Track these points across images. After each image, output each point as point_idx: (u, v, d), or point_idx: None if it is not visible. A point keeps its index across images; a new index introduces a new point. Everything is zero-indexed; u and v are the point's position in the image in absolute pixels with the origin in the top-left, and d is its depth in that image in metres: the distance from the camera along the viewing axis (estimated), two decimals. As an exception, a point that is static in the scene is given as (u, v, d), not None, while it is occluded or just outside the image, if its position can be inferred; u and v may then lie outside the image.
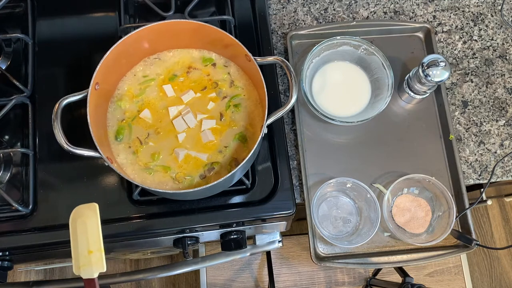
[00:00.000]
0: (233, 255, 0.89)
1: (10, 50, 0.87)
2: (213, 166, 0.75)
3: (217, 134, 0.77)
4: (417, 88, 0.87)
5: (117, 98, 0.78)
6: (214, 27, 0.73)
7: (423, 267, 1.25)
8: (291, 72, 0.71)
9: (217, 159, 0.75)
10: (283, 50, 0.94)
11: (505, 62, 0.95)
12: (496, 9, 0.98)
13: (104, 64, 0.70)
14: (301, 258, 1.25)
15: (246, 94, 0.79)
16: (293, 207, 0.79)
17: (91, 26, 0.88)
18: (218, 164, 0.75)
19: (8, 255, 0.78)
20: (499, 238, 1.78)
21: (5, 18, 0.89)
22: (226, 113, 0.78)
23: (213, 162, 0.75)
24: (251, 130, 0.77)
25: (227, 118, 0.77)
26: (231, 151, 0.76)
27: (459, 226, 0.87)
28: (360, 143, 0.89)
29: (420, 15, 0.97)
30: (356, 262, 0.83)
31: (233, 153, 0.76)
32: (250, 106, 0.78)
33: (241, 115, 0.78)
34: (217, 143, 0.76)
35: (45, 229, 0.77)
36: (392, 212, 0.86)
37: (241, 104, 0.78)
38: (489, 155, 0.89)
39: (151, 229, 0.78)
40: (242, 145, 0.76)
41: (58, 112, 0.66)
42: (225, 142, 0.76)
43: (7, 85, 0.84)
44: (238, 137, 0.76)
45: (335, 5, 0.97)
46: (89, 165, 0.79)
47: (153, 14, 0.88)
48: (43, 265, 1.52)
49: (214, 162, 0.75)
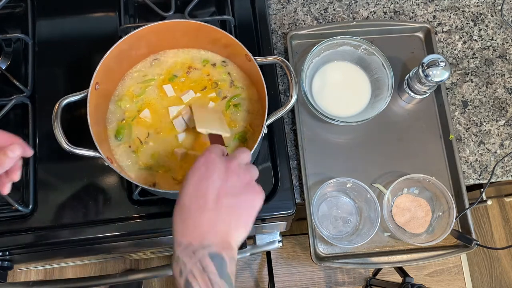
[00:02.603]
0: (233, 255, 0.89)
1: (10, 50, 0.87)
2: None
3: (217, 134, 0.77)
4: (417, 88, 0.87)
5: (117, 98, 0.78)
6: (214, 27, 0.73)
7: (423, 267, 1.25)
8: (291, 72, 0.71)
9: None
10: (283, 50, 0.94)
11: (505, 62, 0.95)
12: (496, 9, 0.98)
13: (104, 64, 0.70)
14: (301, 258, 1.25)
15: (246, 94, 0.79)
16: (293, 207, 0.79)
17: (91, 26, 0.88)
18: None
19: (8, 255, 0.78)
20: (499, 238, 1.78)
21: (5, 18, 0.89)
22: (226, 113, 0.78)
23: None
24: (251, 130, 0.77)
25: (227, 118, 0.77)
26: (231, 151, 0.76)
27: (459, 226, 0.87)
28: (360, 143, 0.89)
29: (420, 15, 0.97)
30: (356, 262, 0.83)
31: (233, 153, 0.76)
32: (250, 106, 0.78)
33: (241, 115, 0.77)
34: (217, 143, 0.76)
35: (45, 229, 0.77)
36: (392, 212, 0.86)
37: (241, 104, 0.78)
38: (489, 155, 0.89)
39: (151, 229, 0.78)
40: (242, 145, 0.76)
41: (58, 112, 0.66)
42: (225, 142, 0.76)
43: (7, 85, 0.84)
44: (238, 137, 0.76)
45: (335, 5, 0.98)
46: (89, 165, 0.79)
47: (153, 14, 0.88)
48: (43, 265, 1.53)
49: None
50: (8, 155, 0.59)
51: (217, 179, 0.54)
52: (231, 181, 0.55)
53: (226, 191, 0.54)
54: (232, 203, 0.54)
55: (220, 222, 0.52)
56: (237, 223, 0.54)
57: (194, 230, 0.52)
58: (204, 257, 0.50)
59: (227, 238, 0.52)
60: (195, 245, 0.51)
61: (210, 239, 0.51)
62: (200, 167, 0.56)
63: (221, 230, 0.52)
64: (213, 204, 0.53)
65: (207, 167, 0.55)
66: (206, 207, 0.53)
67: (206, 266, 0.50)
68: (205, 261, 0.50)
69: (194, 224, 0.52)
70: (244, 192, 0.55)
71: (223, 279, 0.50)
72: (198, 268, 0.50)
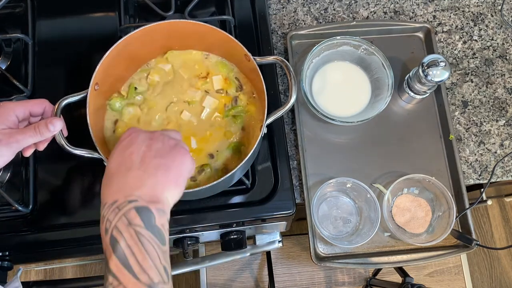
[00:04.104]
0: (233, 255, 0.89)
1: (10, 50, 0.87)
2: (202, 168, 0.74)
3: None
4: (417, 88, 0.87)
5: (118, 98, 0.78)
6: (214, 27, 0.73)
7: (423, 267, 1.25)
8: (291, 72, 0.71)
9: (212, 161, 0.75)
10: (283, 50, 0.94)
11: (505, 62, 0.95)
12: (496, 9, 0.98)
13: (104, 64, 0.70)
14: (301, 258, 1.25)
15: (248, 110, 0.78)
16: (293, 207, 0.79)
17: (91, 26, 0.88)
18: (207, 166, 0.74)
19: (8, 255, 0.78)
20: (499, 238, 1.78)
21: (5, 18, 0.89)
22: (224, 120, 0.77)
23: (204, 164, 0.74)
24: (245, 144, 0.76)
25: (223, 126, 0.77)
26: (223, 161, 0.75)
27: (459, 226, 0.87)
28: (360, 143, 0.89)
29: (420, 15, 0.97)
30: (356, 262, 0.83)
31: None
32: (249, 122, 0.77)
33: (237, 127, 0.76)
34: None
35: (45, 229, 0.77)
36: (392, 212, 0.86)
37: (241, 117, 0.77)
38: (489, 155, 0.89)
39: (151, 229, 0.78)
40: (236, 156, 0.75)
41: (58, 112, 0.66)
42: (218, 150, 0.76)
43: (7, 85, 0.84)
44: (232, 147, 0.75)
45: (335, 5, 0.97)
46: (89, 165, 0.79)
47: (153, 14, 0.88)
48: (43, 265, 1.53)
49: (204, 165, 0.74)
50: (49, 128, 0.62)
51: (141, 144, 0.55)
52: (156, 146, 0.56)
53: (151, 154, 0.55)
54: (159, 162, 0.54)
55: (146, 178, 0.52)
56: (166, 180, 0.53)
57: (119, 189, 0.52)
58: (129, 210, 0.49)
59: (155, 193, 0.52)
60: (120, 201, 0.50)
61: (136, 194, 0.51)
62: (124, 138, 0.58)
63: (148, 185, 0.52)
64: (139, 164, 0.53)
65: (131, 138, 0.57)
66: (132, 168, 0.53)
67: (131, 219, 0.49)
68: (131, 214, 0.49)
69: (119, 184, 0.52)
70: (171, 153, 0.56)
71: (149, 231, 0.49)
72: (124, 222, 0.48)
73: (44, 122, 0.63)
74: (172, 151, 0.56)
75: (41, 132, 0.62)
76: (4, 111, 0.62)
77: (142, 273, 0.46)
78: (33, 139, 0.62)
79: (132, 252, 0.47)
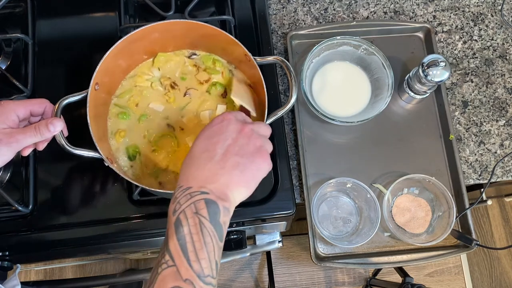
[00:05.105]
0: (233, 255, 0.89)
1: (10, 50, 0.87)
2: None
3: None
4: (417, 88, 0.87)
5: (117, 98, 0.78)
6: (214, 27, 0.73)
7: (423, 267, 1.25)
8: (291, 72, 0.71)
9: None
10: (283, 50, 0.94)
11: (505, 62, 0.95)
12: (496, 9, 0.98)
13: (104, 64, 0.70)
14: (301, 258, 1.25)
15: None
16: (293, 207, 0.79)
17: (91, 26, 0.88)
18: None
19: (8, 255, 0.78)
20: (499, 238, 1.78)
21: (5, 18, 0.89)
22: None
23: None
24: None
25: None
26: None
27: (459, 226, 0.87)
28: (360, 143, 0.89)
29: (420, 15, 0.97)
30: (356, 262, 0.83)
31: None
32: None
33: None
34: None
35: (45, 229, 0.77)
36: (392, 212, 0.86)
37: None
38: (489, 155, 0.89)
39: (151, 229, 0.78)
40: None
41: (58, 112, 0.66)
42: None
43: (7, 85, 0.84)
44: None
45: (335, 5, 0.97)
46: (89, 165, 0.79)
47: (153, 14, 0.88)
48: (43, 265, 1.53)
49: None
50: (49, 129, 0.63)
51: (228, 137, 0.56)
52: (241, 142, 0.56)
53: (235, 150, 0.55)
54: (238, 161, 0.54)
55: (222, 174, 0.53)
56: (239, 180, 0.54)
57: (196, 176, 0.53)
58: (199, 200, 0.51)
59: (226, 191, 0.53)
60: (193, 189, 0.52)
61: (209, 187, 0.52)
62: (216, 123, 0.58)
63: (221, 182, 0.53)
64: (220, 157, 0.54)
65: (222, 125, 0.57)
66: (213, 159, 0.54)
67: (199, 209, 0.50)
68: (200, 205, 0.50)
69: (197, 171, 0.54)
70: (252, 155, 0.56)
71: (212, 225, 0.50)
72: (191, 209, 0.50)
73: (45, 123, 0.63)
74: (254, 153, 0.56)
75: (42, 132, 0.63)
76: (5, 111, 0.62)
77: (196, 262, 0.48)
78: (33, 139, 0.63)
79: (192, 239, 0.49)
